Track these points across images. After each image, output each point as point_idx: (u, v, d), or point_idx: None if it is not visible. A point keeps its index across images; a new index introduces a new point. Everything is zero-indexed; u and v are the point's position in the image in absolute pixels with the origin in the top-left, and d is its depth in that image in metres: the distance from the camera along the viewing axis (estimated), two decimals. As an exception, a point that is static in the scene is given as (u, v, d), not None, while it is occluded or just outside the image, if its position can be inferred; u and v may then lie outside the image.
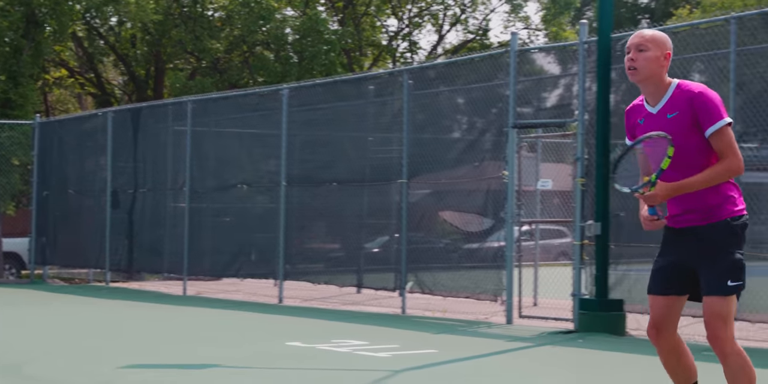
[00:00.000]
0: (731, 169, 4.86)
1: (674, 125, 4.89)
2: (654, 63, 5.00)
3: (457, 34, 39.20)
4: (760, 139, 11.71)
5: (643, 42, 5.02)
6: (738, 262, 4.83)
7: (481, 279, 14.01)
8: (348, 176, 16.48)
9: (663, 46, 5.04)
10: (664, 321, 5.07)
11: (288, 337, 11.51)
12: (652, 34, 5.07)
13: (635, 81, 5.07)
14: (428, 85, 15.51)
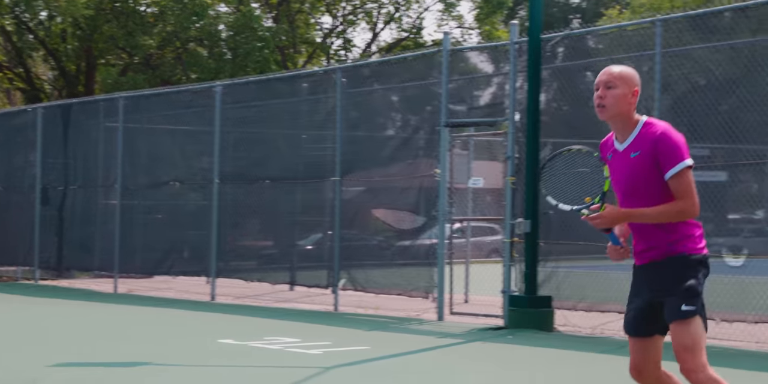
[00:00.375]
0: (684, 211, 4.89)
1: (637, 165, 4.94)
2: (622, 100, 5.00)
3: (391, 32, 39.26)
4: (687, 139, 11.94)
5: (611, 79, 5.03)
6: (692, 287, 4.84)
7: (413, 276, 14.12)
8: (281, 174, 16.50)
9: (631, 83, 5.03)
10: (641, 363, 5.03)
11: (220, 334, 11.50)
12: (620, 71, 5.06)
13: (603, 118, 5.07)
14: (362, 83, 15.58)
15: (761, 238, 14.22)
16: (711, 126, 11.52)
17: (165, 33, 28.80)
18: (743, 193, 12.28)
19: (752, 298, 10.62)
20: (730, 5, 11.53)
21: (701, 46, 11.81)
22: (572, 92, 13.02)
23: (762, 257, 11.45)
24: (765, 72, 11.17)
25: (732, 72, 11.58)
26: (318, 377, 8.43)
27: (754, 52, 11.20)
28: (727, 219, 12.40)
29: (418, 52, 14.63)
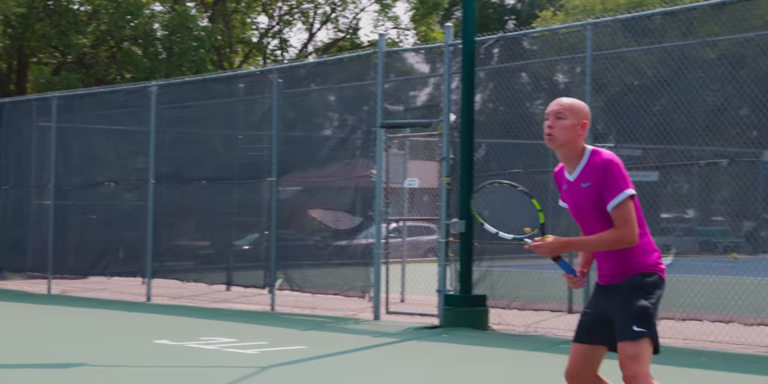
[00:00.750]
0: (621, 239, 5.03)
1: (588, 195, 5.10)
2: (570, 131, 5.13)
3: (328, 33, 39.26)
4: (617, 138, 12.18)
5: (561, 110, 5.15)
6: (644, 309, 4.99)
7: (350, 276, 14.20)
8: (218, 174, 16.47)
9: (580, 115, 5.16)
10: (578, 369, 5.18)
11: (156, 335, 11.48)
12: (570, 103, 5.19)
13: (552, 147, 5.23)
14: (298, 83, 15.62)
15: (690, 237, 14.54)
16: (643, 127, 11.75)
17: (99, 32, 28.56)
18: (674, 193, 12.54)
19: (680, 297, 10.86)
20: (659, 10, 11.76)
21: (632, 49, 12.04)
22: (507, 93, 13.19)
23: (690, 256, 11.72)
24: (695, 74, 11.43)
25: (663, 74, 11.82)
26: (254, 377, 8.47)
27: (685, 55, 11.45)
28: (659, 218, 12.65)
29: (354, 53, 14.70)
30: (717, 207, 12.26)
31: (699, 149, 11.72)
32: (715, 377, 8.62)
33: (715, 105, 11.48)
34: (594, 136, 11.92)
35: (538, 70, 13.57)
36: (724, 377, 8.59)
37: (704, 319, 10.70)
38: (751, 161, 11.04)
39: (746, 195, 11.20)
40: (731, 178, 11.43)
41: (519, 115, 12.84)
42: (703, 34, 11.44)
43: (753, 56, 11.15)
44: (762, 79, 10.86)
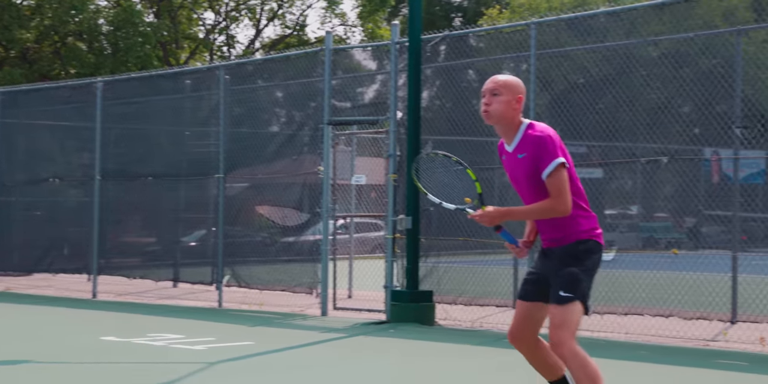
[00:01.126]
0: (554, 209, 5.29)
1: (524, 165, 5.36)
2: (506, 106, 5.38)
3: (275, 29, 39.20)
4: (562, 136, 12.35)
5: (496, 87, 5.40)
6: (571, 274, 5.26)
7: (298, 272, 14.26)
8: (165, 170, 16.44)
9: (515, 91, 5.41)
10: (520, 328, 5.44)
11: (102, 332, 11.46)
12: (504, 79, 5.44)
13: (490, 123, 5.46)
14: (246, 80, 15.63)
15: (634, 233, 14.79)
16: (588, 124, 11.94)
17: (43, 27, 28.30)
18: (618, 190, 12.77)
19: (622, 292, 11.07)
20: (602, 10, 11.95)
21: (576, 48, 12.22)
22: (454, 90, 13.32)
23: (633, 252, 11.94)
24: (638, 73, 11.64)
25: (607, 72, 12.02)
26: (202, 373, 8.51)
27: (628, 53, 11.66)
28: (604, 214, 12.87)
29: (301, 50, 14.74)
30: (660, 204, 12.50)
31: (642, 146, 11.94)
32: (655, 370, 8.81)
33: (658, 103, 11.71)
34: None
35: (483, 67, 13.72)
36: (663, 370, 8.79)
37: (645, 314, 10.92)
38: (691, 159, 11.26)
39: (688, 192, 11.44)
40: (673, 175, 11.66)
41: (465, 112, 12.97)
42: (645, 34, 11.65)
43: (694, 55, 11.39)
44: (703, 78, 11.09)
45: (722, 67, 11.08)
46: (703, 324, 10.75)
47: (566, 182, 5.29)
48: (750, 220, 11.73)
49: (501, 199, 12.27)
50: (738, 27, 11.05)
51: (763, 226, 11.50)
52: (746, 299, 10.41)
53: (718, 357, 9.39)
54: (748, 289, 10.48)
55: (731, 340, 10.30)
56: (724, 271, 10.88)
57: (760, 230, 11.95)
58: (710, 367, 8.83)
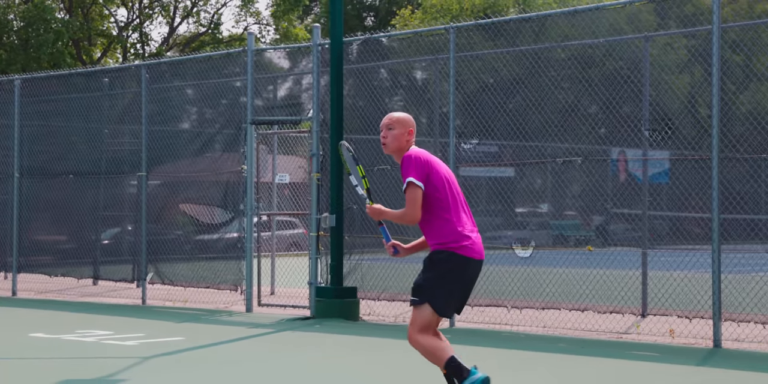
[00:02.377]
0: (404, 217, 6.29)
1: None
2: (399, 138, 6.39)
3: (189, 27, 39.16)
4: (478, 135, 12.80)
5: (391, 122, 6.40)
6: (416, 282, 6.26)
7: (222, 269, 14.47)
8: (84, 168, 16.48)
9: (406, 125, 6.40)
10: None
11: (29, 329, 11.56)
12: (398, 116, 6.43)
13: (387, 152, 6.47)
14: (163, 78, 15.75)
15: (545, 231, 15.31)
16: (499, 124, 12.40)
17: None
18: (528, 188, 13.25)
19: (539, 287, 11.55)
20: (515, 16, 12.42)
21: (490, 52, 12.65)
22: (367, 89, 13.61)
23: (547, 249, 12.42)
24: (547, 75, 12.14)
25: (518, 73, 12.49)
26: (137, 367, 8.71)
27: (537, 56, 12.14)
28: (515, 213, 13.34)
29: (223, 51, 14.93)
30: (569, 202, 13.01)
31: (552, 146, 12.45)
32: (574, 361, 9.27)
33: (566, 104, 12.22)
34: (458, 134, 12.53)
35: (397, 68, 14.08)
36: (581, 361, 9.26)
37: (561, 308, 11.40)
38: (603, 159, 11.79)
39: (596, 191, 11.97)
40: (582, 175, 12.18)
41: (379, 111, 13.30)
42: (555, 37, 12.17)
43: (601, 58, 11.93)
44: (610, 80, 11.62)
45: (629, 70, 11.65)
46: (616, 317, 11.29)
47: (417, 197, 6.21)
48: (656, 218, 12.28)
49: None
50: (645, 34, 11.59)
51: (669, 224, 12.06)
52: (656, 294, 10.96)
53: (631, 348, 9.90)
54: (658, 284, 11.03)
55: (643, 332, 10.83)
56: (634, 267, 11.43)
57: (665, 228, 12.51)
58: (625, 357, 9.33)
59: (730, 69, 10.73)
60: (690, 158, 10.92)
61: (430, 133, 13.39)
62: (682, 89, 11.66)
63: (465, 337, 10.72)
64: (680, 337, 10.42)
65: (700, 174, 10.58)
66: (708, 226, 10.23)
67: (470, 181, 13.31)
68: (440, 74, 13.05)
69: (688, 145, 10.98)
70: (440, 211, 6.21)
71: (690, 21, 11.17)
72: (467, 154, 12.95)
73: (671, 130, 11.09)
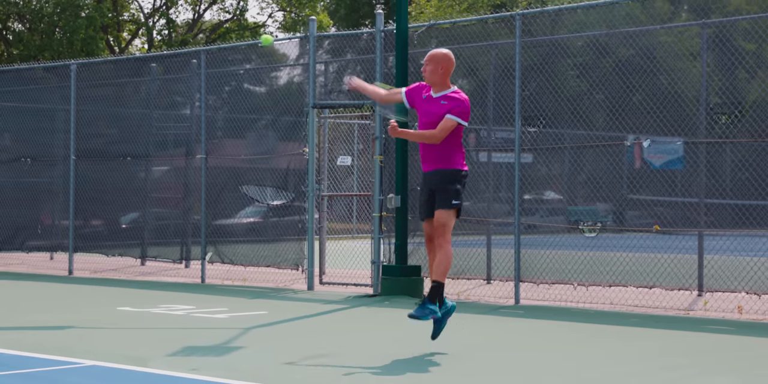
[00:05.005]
0: (431, 138, 8.00)
1: (443, 108, 7.99)
2: (433, 73, 8.09)
3: (212, 14, 39.48)
4: (541, 121, 13.26)
5: (427, 59, 8.09)
6: (457, 190, 7.97)
7: (282, 249, 14.93)
8: (141, 150, 16.95)
9: (439, 62, 8.07)
10: (432, 233, 8.04)
11: (113, 303, 12.00)
12: (433, 53, 8.12)
13: (429, 83, 8.14)
14: (226, 64, 16.17)
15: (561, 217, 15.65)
16: (561, 109, 12.88)
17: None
18: (548, 174, 13.75)
19: (605, 266, 12.02)
20: (582, 3, 12.86)
21: (565, 36, 13.10)
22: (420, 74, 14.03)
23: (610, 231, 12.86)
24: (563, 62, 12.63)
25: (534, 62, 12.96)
26: (246, 336, 9.13)
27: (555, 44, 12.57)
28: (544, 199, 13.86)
29: (285, 38, 15.36)
30: (584, 188, 13.40)
31: (570, 133, 12.93)
32: (654, 334, 9.72)
33: (579, 91, 12.69)
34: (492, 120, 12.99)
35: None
36: (659, 334, 9.72)
37: (629, 285, 11.88)
38: (615, 144, 12.25)
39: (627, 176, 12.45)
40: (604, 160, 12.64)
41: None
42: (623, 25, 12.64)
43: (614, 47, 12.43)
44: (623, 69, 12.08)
45: (640, 58, 12.14)
46: (679, 295, 11.78)
47: (451, 127, 7.97)
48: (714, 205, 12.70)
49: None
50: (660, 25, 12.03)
51: (729, 209, 12.49)
52: (716, 272, 11.46)
53: (705, 323, 10.39)
54: (717, 264, 11.52)
55: (711, 309, 11.33)
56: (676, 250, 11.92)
57: (728, 213, 12.90)
58: (702, 330, 9.81)
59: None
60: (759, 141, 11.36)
61: (483, 120, 13.79)
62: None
63: (533, 313, 11.19)
64: (748, 313, 10.91)
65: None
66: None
67: (500, 167, 13.82)
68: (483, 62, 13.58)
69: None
70: (459, 142, 8.10)
71: (704, 11, 11.75)
72: (497, 141, 13.61)
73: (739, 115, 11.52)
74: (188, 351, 8.14)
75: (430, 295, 7.99)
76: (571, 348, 8.67)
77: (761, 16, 11.63)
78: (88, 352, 7.97)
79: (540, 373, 7.36)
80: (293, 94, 15.43)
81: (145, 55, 18.06)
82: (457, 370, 7.37)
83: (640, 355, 8.19)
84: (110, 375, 7.03)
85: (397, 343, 8.86)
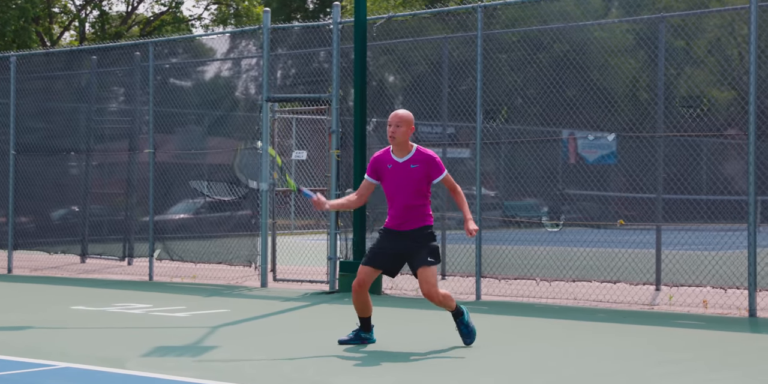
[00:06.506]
0: (462, 194, 8.16)
1: (415, 172, 8.02)
2: (405, 134, 8.10)
3: (146, 7, 38.79)
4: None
5: (399, 121, 8.07)
6: (434, 249, 8.04)
7: (234, 246, 14.62)
8: (83, 145, 16.49)
9: (410, 123, 8.10)
10: (368, 281, 8.12)
11: (65, 302, 11.61)
12: (403, 115, 8.10)
13: (394, 144, 8.10)
14: (171, 57, 15.79)
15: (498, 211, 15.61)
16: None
17: None
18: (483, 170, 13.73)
19: (568, 261, 11.95)
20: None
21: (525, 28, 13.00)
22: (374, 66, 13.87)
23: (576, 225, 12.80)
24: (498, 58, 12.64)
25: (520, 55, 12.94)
26: (214, 335, 8.85)
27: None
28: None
29: (238, 29, 15.03)
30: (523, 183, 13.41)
31: (509, 128, 12.94)
32: (622, 329, 9.66)
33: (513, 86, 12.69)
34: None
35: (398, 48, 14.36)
36: (628, 329, 9.65)
37: (593, 280, 11.83)
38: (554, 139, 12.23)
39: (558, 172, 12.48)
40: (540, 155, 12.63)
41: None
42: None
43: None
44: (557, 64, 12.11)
45: (575, 53, 12.17)
46: (642, 290, 11.76)
47: None
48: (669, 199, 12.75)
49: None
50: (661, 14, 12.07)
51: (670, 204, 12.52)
52: (672, 267, 11.47)
53: (673, 318, 10.35)
54: (679, 259, 11.53)
55: (676, 303, 11.31)
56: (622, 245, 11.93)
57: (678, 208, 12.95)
58: (672, 325, 9.77)
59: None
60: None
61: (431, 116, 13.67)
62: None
63: (496, 309, 11.06)
64: (714, 308, 10.91)
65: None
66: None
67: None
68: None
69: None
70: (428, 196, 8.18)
71: (633, 8, 11.83)
72: (427, 136, 13.57)
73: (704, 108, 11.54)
74: (161, 351, 7.84)
75: (364, 328, 8.41)
76: (545, 344, 8.55)
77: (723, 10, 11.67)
78: (59, 353, 7.64)
79: (520, 371, 7.21)
80: (221, 88, 15.17)
81: (89, 47, 17.55)
82: (431, 367, 7.21)
83: (618, 352, 8.10)
84: (88, 377, 6.72)
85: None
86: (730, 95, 12.12)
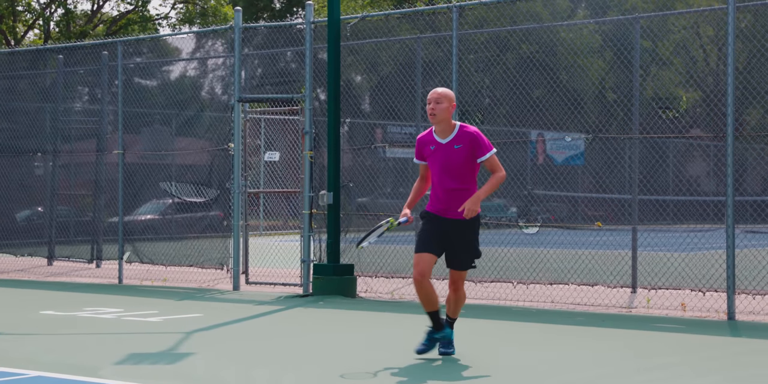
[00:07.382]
0: (502, 179, 7.51)
1: (459, 153, 7.44)
2: (446, 111, 7.52)
3: (111, 5, 38.40)
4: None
5: (439, 97, 7.51)
6: (478, 244, 7.77)
7: (206, 248, 14.40)
8: (49, 146, 16.22)
9: (451, 99, 7.55)
10: (427, 270, 7.52)
11: (33, 307, 11.36)
12: (442, 91, 7.54)
13: (434, 122, 7.52)
14: (140, 56, 15.56)
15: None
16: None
17: None
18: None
19: (545, 264, 11.85)
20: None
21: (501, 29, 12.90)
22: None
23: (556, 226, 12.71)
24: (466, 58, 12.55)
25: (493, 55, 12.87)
26: (189, 341, 8.66)
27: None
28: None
29: (209, 28, 14.83)
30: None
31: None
32: (602, 333, 9.58)
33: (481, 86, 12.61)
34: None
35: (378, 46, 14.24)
36: (609, 333, 9.57)
37: (570, 283, 11.72)
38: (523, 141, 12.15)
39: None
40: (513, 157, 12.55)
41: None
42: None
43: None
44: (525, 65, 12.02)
45: (544, 54, 12.11)
46: (618, 292, 11.67)
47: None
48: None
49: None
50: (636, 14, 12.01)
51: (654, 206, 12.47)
52: (646, 270, 11.40)
53: (652, 321, 10.27)
54: (659, 261, 11.46)
55: (654, 306, 11.24)
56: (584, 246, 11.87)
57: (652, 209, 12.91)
58: (653, 329, 9.68)
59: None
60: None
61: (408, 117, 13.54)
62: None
63: (473, 312, 10.91)
64: (692, 311, 10.84)
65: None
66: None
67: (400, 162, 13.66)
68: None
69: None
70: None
71: (602, 9, 11.80)
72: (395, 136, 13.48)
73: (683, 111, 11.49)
74: (135, 358, 7.64)
75: (435, 326, 7.72)
76: (523, 349, 8.43)
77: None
78: (28, 360, 7.42)
79: (498, 377, 7.08)
80: (188, 88, 14.97)
81: (56, 46, 17.24)
82: (409, 373, 7.07)
83: (597, 357, 7.99)
84: (60, 387, 6.52)
85: (344, 345, 8.51)
86: (698, 95, 12.11)
